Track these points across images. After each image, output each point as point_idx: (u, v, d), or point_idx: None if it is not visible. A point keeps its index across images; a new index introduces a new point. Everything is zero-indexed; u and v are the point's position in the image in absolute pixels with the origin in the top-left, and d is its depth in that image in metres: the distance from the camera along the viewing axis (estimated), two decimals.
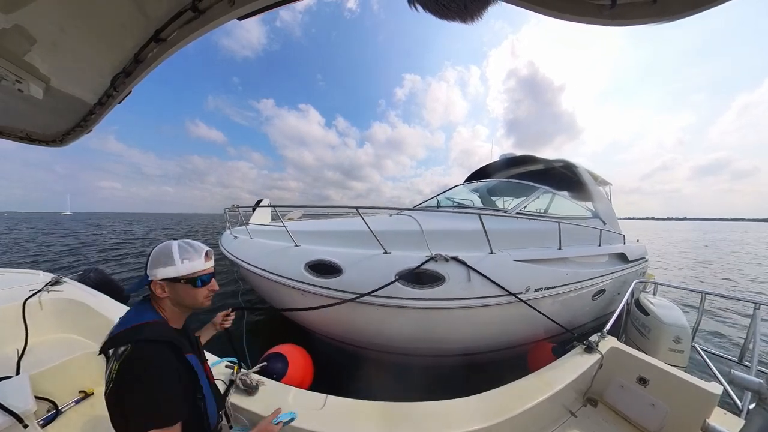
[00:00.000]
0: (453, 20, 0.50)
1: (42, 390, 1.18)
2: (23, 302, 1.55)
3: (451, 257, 1.94)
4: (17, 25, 0.57)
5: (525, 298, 2.03)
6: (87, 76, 0.83)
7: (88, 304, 1.63)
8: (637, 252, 3.78)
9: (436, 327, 1.96)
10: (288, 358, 1.83)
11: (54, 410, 1.18)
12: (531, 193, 3.42)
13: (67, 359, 1.34)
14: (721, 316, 4.49)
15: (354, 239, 2.30)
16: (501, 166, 4.55)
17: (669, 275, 8.13)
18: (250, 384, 1.06)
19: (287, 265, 2.16)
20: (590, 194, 3.99)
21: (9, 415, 0.88)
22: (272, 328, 3.50)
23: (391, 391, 2.18)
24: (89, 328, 1.56)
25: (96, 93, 0.90)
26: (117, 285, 3.17)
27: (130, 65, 0.77)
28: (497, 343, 2.26)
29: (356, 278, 1.93)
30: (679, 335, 1.93)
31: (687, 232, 41.41)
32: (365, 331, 2.11)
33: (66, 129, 1.17)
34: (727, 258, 12.24)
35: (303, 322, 2.41)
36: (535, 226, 2.83)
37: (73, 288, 1.83)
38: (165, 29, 0.66)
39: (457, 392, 1.11)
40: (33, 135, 1.22)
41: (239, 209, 3.05)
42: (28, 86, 0.74)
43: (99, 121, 1.09)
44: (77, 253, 9.29)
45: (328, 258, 2.07)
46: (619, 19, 0.44)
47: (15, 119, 1.06)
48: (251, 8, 0.61)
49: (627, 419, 1.33)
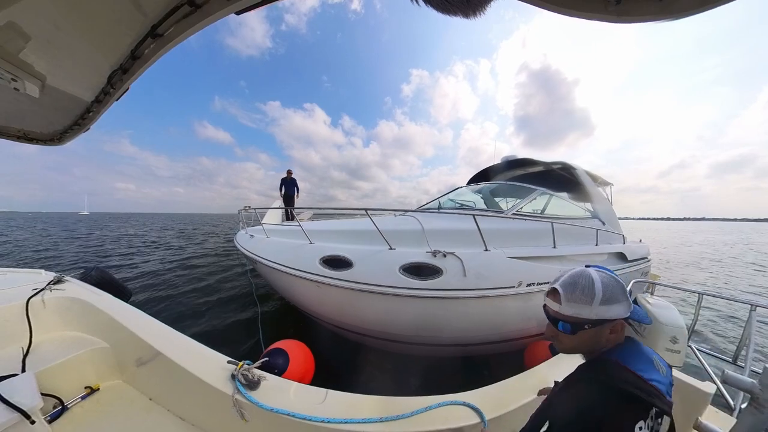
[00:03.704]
0: (455, 15, 0.49)
1: (48, 387, 1.20)
2: (26, 301, 1.56)
3: (448, 253, 2.13)
4: (11, 22, 0.56)
5: (517, 292, 2.20)
6: (83, 74, 0.81)
7: (90, 302, 1.64)
8: (639, 252, 3.80)
9: (435, 316, 2.12)
10: (289, 354, 1.86)
11: (60, 406, 1.20)
12: (527, 195, 3.51)
13: (72, 356, 1.35)
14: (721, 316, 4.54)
15: (362, 237, 2.51)
16: (501, 168, 4.60)
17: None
18: (252, 379, 1.07)
19: (304, 260, 2.34)
20: (589, 195, 4.05)
21: (16, 411, 0.90)
22: (281, 322, 3.55)
23: (391, 386, 2.22)
24: (93, 325, 1.57)
25: (93, 91, 0.89)
26: (118, 283, 3.20)
27: (127, 62, 0.75)
28: (492, 335, 2.37)
29: (365, 271, 2.13)
30: (676, 335, 1.95)
31: (719, 233, 38.16)
32: (372, 320, 2.28)
33: (64, 127, 1.16)
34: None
35: (316, 313, 2.59)
36: (530, 226, 2.95)
37: (76, 286, 1.84)
38: (162, 24, 0.65)
39: (455, 388, 1.13)
40: (30, 134, 1.20)
41: (255, 210, 3.35)
42: (24, 85, 0.73)
43: (97, 119, 1.08)
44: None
45: (341, 253, 2.26)
46: (625, 15, 0.43)
47: (11, 118, 1.05)
48: (248, 2, 0.60)
49: None
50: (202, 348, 1.30)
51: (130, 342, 1.38)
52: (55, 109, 0.98)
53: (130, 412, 1.26)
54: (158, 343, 1.29)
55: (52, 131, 1.20)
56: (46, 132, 1.21)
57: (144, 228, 21.61)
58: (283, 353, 1.85)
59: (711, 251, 14.06)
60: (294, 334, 2.67)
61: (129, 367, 1.42)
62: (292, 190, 6.88)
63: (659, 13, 0.40)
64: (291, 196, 6.88)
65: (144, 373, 1.36)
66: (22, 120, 1.08)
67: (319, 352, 2.10)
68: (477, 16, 0.49)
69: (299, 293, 2.48)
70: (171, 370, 1.20)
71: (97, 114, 1.03)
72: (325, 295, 2.25)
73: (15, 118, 1.06)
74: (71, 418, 1.19)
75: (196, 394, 1.14)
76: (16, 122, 1.10)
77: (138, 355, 1.36)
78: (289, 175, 6.90)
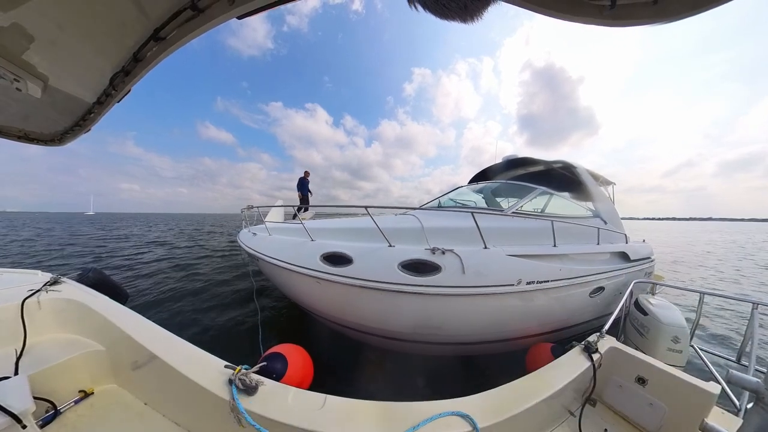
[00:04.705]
0: (453, 20, 0.50)
1: (41, 390, 1.18)
2: (21, 302, 1.54)
3: (446, 250, 2.15)
4: (15, 23, 0.57)
5: (517, 290, 2.18)
6: (86, 75, 0.82)
7: (87, 303, 1.62)
8: (642, 252, 3.79)
9: (434, 313, 2.13)
10: (287, 358, 1.83)
11: (53, 410, 1.17)
12: (527, 194, 3.52)
13: (67, 359, 1.33)
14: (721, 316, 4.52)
15: (362, 235, 2.54)
16: (502, 168, 4.61)
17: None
18: (250, 384, 1.05)
19: (305, 257, 2.38)
20: (590, 194, 4.04)
21: (7, 415, 0.88)
22: (281, 326, 3.52)
23: (390, 390, 2.19)
24: (89, 327, 1.55)
25: (95, 92, 0.90)
26: (115, 285, 3.17)
27: (129, 64, 0.76)
28: (492, 334, 2.35)
29: (365, 267, 2.15)
30: (678, 335, 1.94)
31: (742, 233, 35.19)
32: (371, 316, 2.28)
33: (65, 128, 1.16)
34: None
35: (316, 309, 2.59)
36: (530, 224, 2.95)
37: (72, 288, 1.82)
38: (164, 28, 0.66)
39: (456, 392, 1.11)
40: (31, 134, 1.21)
41: (257, 209, 3.42)
42: (26, 85, 0.74)
43: (98, 120, 1.08)
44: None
45: (341, 250, 2.28)
46: (619, 19, 0.44)
47: (12, 118, 1.06)
48: (251, 7, 0.61)
49: (626, 419, 1.33)
50: (199, 352, 1.28)
51: (126, 345, 1.36)
52: (56, 109, 0.99)
53: (125, 417, 1.23)
54: (154, 347, 1.28)
55: (53, 132, 1.21)
56: (47, 132, 1.21)
57: (166, 227, 21.66)
58: (281, 357, 1.83)
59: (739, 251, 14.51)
60: (293, 338, 2.65)
61: (124, 370, 1.39)
62: (307, 190, 7.24)
63: (653, 16, 0.41)
64: (306, 196, 7.24)
65: (139, 377, 1.34)
66: (24, 120, 1.09)
67: (317, 355, 2.08)
68: (475, 21, 0.50)
69: (300, 290, 2.51)
70: (167, 374, 1.18)
71: (99, 115, 1.04)
72: (326, 291, 2.28)
73: (16, 119, 1.06)
74: (64, 423, 1.17)
75: (193, 399, 1.12)
76: (17, 122, 1.10)
77: (133, 359, 1.34)
78: (307, 176, 7.22)
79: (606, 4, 0.43)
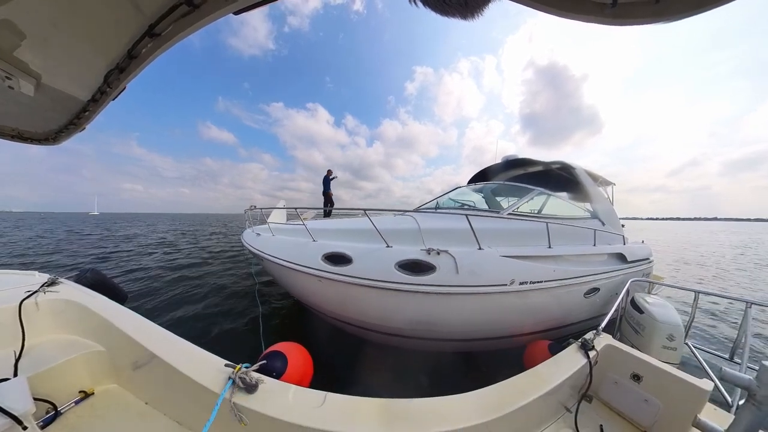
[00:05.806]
0: (453, 16, 0.50)
1: (41, 391, 1.17)
2: (19, 303, 1.53)
3: (441, 251, 2.22)
4: (6, 20, 0.56)
5: (510, 290, 2.24)
6: (80, 73, 0.80)
7: (85, 304, 1.61)
8: (639, 253, 3.80)
9: (430, 311, 2.20)
10: (287, 356, 1.84)
11: (53, 411, 1.17)
12: (524, 195, 3.54)
13: (66, 359, 1.33)
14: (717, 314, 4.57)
15: (362, 235, 2.62)
16: (501, 168, 4.62)
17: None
18: (250, 382, 1.06)
19: (307, 256, 2.46)
20: (588, 195, 4.06)
21: (7, 417, 0.87)
22: (281, 324, 3.53)
23: (390, 388, 2.21)
24: (87, 328, 1.54)
25: (89, 90, 0.88)
26: (114, 285, 3.15)
27: (124, 61, 0.75)
28: (487, 331, 2.41)
29: (364, 267, 2.23)
30: (673, 333, 1.97)
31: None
32: (370, 313, 2.34)
33: (59, 127, 1.15)
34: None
35: (318, 306, 2.68)
36: (526, 226, 2.99)
37: (70, 288, 1.81)
38: (159, 24, 0.64)
39: (454, 389, 1.12)
40: (25, 133, 1.19)
41: (260, 210, 3.56)
42: (18, 83, 0.72)
43: (93, 118, 1.07)
44: None
45: (341, 250, 2.36)
46: (621, 18, 0.43)
47: (5, 117, 1.04)
48: (247, 2, 0.60)
49: (621, 415, 1.35)
50: (199, 351, 1.28)
51: (126, 345, 1.36)
52: (50, 108, 0.97)
53: (126, 417, 1.24)
54: (154, 346, 1.28)
55: (48, 130, 1.19)
56: (41, 131, 1.19)
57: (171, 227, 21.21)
58: (281, 356, 1.84)
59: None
60: (293, 336, 2.67)
61: (124, 370, 1.39)
62: (329, 187, 7.27)
63: (655, 15, 0.41)
64: (329, 192, 7.26)
65: (140, 377, 1.34)
66: (17, 119, 1.07)
67: (317, 354, 2.09)
68: (475, 17, 0.49)
69: (302, 288, 2.59)
70: (167, 373, 1.18)
71: (93, 113, 1.02)
72: (326, 289, 2.36)
73: (9, 117, 1.04)
74: (65, 423, 1.17)
75: (193, 398, 1.12)
76: (10, 121, 1.08)
77: (133, 359, 1.33)
78: (330, 173, 7.23)
79: (607, 2, 0.42)
